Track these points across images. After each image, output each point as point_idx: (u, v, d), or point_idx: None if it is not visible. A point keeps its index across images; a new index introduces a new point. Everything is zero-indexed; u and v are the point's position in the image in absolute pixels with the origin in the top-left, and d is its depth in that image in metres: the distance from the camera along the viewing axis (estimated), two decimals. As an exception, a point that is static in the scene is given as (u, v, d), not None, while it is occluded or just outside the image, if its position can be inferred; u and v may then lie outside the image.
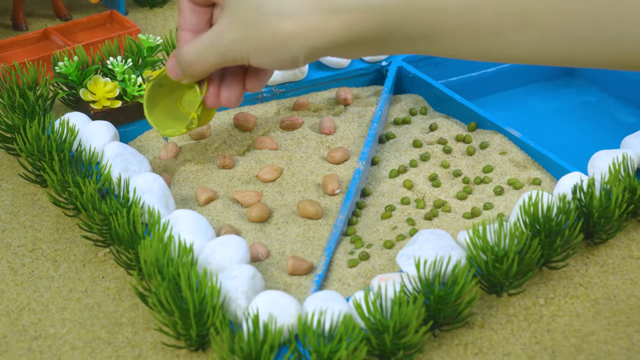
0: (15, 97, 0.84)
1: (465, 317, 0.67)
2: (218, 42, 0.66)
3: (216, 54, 0.67)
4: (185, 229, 0.71)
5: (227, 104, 0.73)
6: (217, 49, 0.67)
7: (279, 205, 0.79)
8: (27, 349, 0.67)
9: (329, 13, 0.61)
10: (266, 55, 0.65)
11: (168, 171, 0.82)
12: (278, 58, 0.64)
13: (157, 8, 1.12)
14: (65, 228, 0.78)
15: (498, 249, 0.67)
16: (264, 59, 0.65)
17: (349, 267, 0.72)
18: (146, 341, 0.67)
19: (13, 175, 0.84)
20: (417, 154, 0.84)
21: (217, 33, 0.66)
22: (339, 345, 0.61)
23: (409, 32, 0.61)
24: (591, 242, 0.76)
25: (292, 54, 0.64)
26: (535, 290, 0.71)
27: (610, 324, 0.69)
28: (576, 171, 0.78)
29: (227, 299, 0.66)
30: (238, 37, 0.65)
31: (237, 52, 0.66)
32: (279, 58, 0.64)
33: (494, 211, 0.78)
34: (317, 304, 0.65)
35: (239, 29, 0.65)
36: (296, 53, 0.63)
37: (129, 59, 0.86)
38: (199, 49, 0.68)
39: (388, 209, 0.78)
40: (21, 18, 1.07)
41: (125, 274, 0.73)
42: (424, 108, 0.91)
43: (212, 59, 0.68)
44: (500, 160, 0.83)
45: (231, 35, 0.65)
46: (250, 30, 0.64)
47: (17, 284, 0.72)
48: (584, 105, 0.98)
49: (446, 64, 0.98)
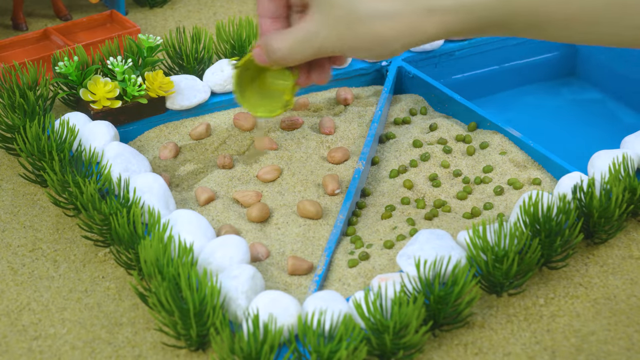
0: (15, 97, 0.84)
1: (465, 317, 0.67)
2: (312, 39, 0.67)
3: (310, 49, 0.68)
4: (185, 229, 0.71)
5: (318, 83, 0.74)
6: (311, 46, 0.67)
7: (279, 205, 0.79)
8: (27, 349, 0.67)
9: (425, 13, 0.62)
10: (363, 52, 0.66)
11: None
12: (376, 54, 0.65)
13: (157, 8, 1.12)
14: (65, 228, 0.78)
15: (498, 249, 0.67)
16: (360, 54, 0.66)
17: (349, 267, 0.72)
18: (146, 341, 0.67)
19: (13, 175, 0.84)
20: (417, 154, 0.84)
21: (309, 30, 0.67)
22: (339, 345, 0.61)
23: (508, 26, 0.62)
24: (591, 242, 0.76)
25: (390, 50, 0.64)
26: (535, 290, 0.71)
27: (610, 324, 0.69)
28: (576, 171, 0.78)
29: (227, 299, 0.66)
30: (334, 35, 0.65)
31: (332, 47, 0.66)
32: (377, 54, 0.65)
33: (494, 211, 0.78)
34: (317, 304, 0.65)
35: (333, 28, 0.65)
36: (394, 50, 0.64)
37: (129, 59, 0.86)
38: (290, 45, 0.68)
39: (388, 209, 0.78)
40: (21, 18, 1.07)
41: (125, 274, 0.73)
42: (424, 108, 0.91)
43: (305, 54, 0.68)
44: (500, 160, 0.83)
45: (325, 32, 0.66)
46: (345, 30, 0.64)
47: (17, 284, 0.72)
48: (584, 105, 0.98)
49: (446, 64, 0.98)
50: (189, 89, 0.88)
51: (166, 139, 0.86)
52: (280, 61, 0.70)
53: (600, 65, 1.00)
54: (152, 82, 0.86)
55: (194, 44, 0.92)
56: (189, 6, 1.12)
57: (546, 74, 1.01)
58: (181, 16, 1.10)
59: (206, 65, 0.93)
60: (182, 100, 0.87)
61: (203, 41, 0.93)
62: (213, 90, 0.90)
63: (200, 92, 0.88)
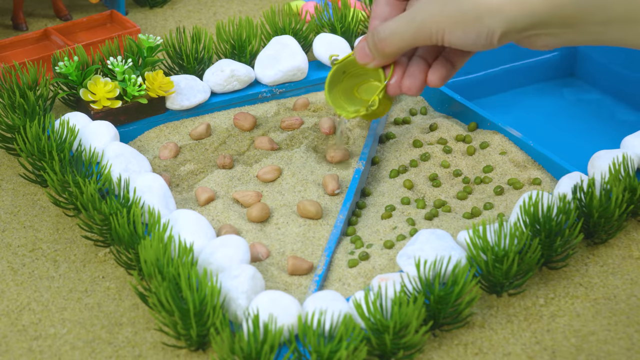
0: (15, 97, 0.84)
1: (465, 317, 0.67)
2: (414, 16, 0.68)
3: (411, 28, 0.68)
4: (185, 229, 0.71)
5: (408, 92, 0.75)
6: (412, 23, 0.68)
7: (279, 205, 0.79)
8: (27, 349, 0.67)
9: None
10: (463, 29, 0.65)
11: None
12: (475, 32, 0.65)
13: (157, 8, 1.12)
14: (65, 228, 0.78)
15: (498, 249, 0.67)
16: (460, 33, 0.66)
17: (349, 267, 0.72)
18: (146, 341, 0.67)
19: (13, 175, 0.84)
20: (417, 154, 0.84)
21: (413, 9, 0.68)
22: (339, 345, 0.61)
23: (609, 13, 0.61)
24: (591, 242, 0.76)
25: (490, 27, 0.64)
26: (535, 290, 0.71)
27: (610, 324, 0.69)
28: (576, 171, 0.78)
29: (227, 299, 0.66)
30: (436, 10, 0.66)
31: (434, 25, 0.67)
32: (476, 32, 0.65)
33: (494, 211, 0.78)
34: (317, 304, 0.65)
35: (436, 2, 0.66)
36: (494, 27, 0.64)
37: (129, 59, 0.86)
38: (393, 26, 0.70)
39: (388, 209, 0.78)
40: (21, 18, 1.07)
41: (125, 274, 0.73)
42: (424, 108, 0.91)
43: (406, 35, 0.69)
44: (500, 160, 0.83)
45: (428, 8, 0.67)
46: (448, 2, 0.65)
47: (17, 284, 0.72)
48: (584, 105, 0.98)
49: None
50: (189, 89, 0.88)
51: (166, 139, 0.86)
52: (380, 43, 0.71)
53: (600, 66, 1.00)
54: (152, 82, 0.86)
55: (194, 44, 0.92)
56: (189, 6, 1.12)
57: (546, 75, 1.01)
58: (181, 16, 1.10)
59: (206, 65, 0.93)
60: (182, 100, 0.87)
61: (203, 41, 0.93)
62: (213, 90, 0.90)
63: (200, 92, 0.88)
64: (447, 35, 0.67)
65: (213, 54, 0.94)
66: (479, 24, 0.64)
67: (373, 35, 0.72)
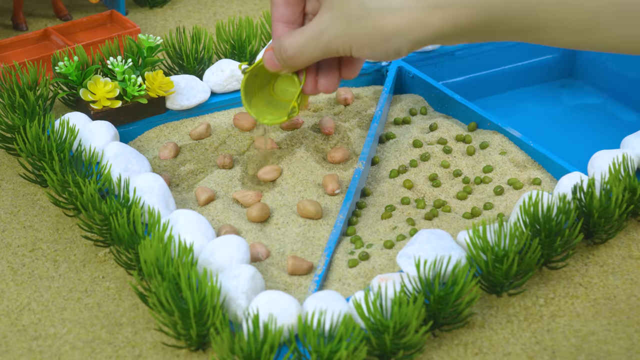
0: (15, 97, 0.84)
1: (465, 317, 0.67)
2: (320, 35, 0.68)
3: (318, 47, 0.68)
4: (185, 229, 0.71)
5: (325, 92, 0.75)
6: (319, 43, 0.68)
7: (279, 205, 0.79)
8: (27, 349, 0.67)
9: (432, 8, 0.63)
10: (370, 48, 0.66)
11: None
12: (383, 51, 0.66)
13: (157, 8, 1.12)
14: (65, 228, 0.78)
15: (498, 249, 0.67)
16: (367, 51, 0.67)
17: (349, 267, 0.72)
18: (146, 341, 0.67)
19: (13, 175, 0.84)
20: (417, 154, 0.84)
21: (318, 27, 0.68)
22: (339, 345, 0.61)
23: (512, 24, 0.62)
24: (591, 242, 0.76)
25: (396, 47, 0.65)
26: (535, 290, 0.71)
27: (610, 324, 0.69)
28: (576, 171, 0.78)
29: (227, 299, 0.66)
30: (341, 31, 0.66)
31: (340, 45, 0.67)
32: (384, 51, 0.66)
33: (494, 211, 0.78)
34: (317, 304, 0.65)
35: (341, 24, 0.66)
36: (400, 46, 0.65)
37: (129, 59, 0.86)
38: (300, 43, 0.69)
39: (388, 209, 0.78)
40: (21, 18, 1.07)
41: (125, 274, 0.73)
42: (424, 108, 0.91)
43: (314, 52, 0.69)
44: (500, 160, 0.83)
45: (334, 29, 0.67)
46: (353, 25, 0.65)
47: (17, 284, 0.72)
48: (584, 105, 0.98)
49: (446, 64, 0.98)
50: (189, 89, 0.88)
51: (166, 139, 0.86)
52: (290, 60, 0.71)
53: (600, 66, 1.00)
54: (152, 82, 0.86)
55: (194, 44, 0.92)
56: (189, 6, 1.12)
57: (546, 75, 1.01)
58: (181, 16, 1.10)
59: (206, 65, 0.93)
60: (182, 100, 0.87)
61: (203, 41, 0.93)
62: (213, 90, 0.90)
63: (200, 92, 0.88)
64: (355, 52, 0.68)
65: (213, 54, 0.94)
66: (386, 44, 0.65)
67: (280, 52, 0.71)
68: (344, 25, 0.66)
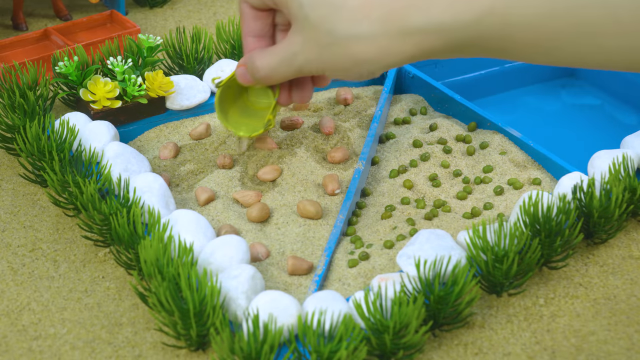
0: (15, 97, 0.84)
1: (465, 317, 0.67)
2: (293, 59, 0.68)
3: (291, 70, 0.69)
4: (185, 229, 0.71)
5: (299, 102, 0.76)
6: (291, 66, 0.69)
7: (279, 205, 0.79)
8: (27, 349, 0.67)
9: (401, 35, 0.63)
10: (343, 72, 0.67)
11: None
12: (355, 74, 0.67)
13: (157, 8, 1.12)
14: (65, 228, 0.78)
15: (498, 249, 0.67)
16: (340, 74, 0.68)
17: (349, 267, 0.72)
18: (146, 341, 0.67)
19: (13, 175, 0.84)
20: (417, 154, 0.84)
21: (290, 50, 0.68)
22: (339, 345, 0.61)
23: (482, 46, 0.63)
24: (591, 242, 0.76)
25: (369, 70, 0.66)
26: (535, 290, 0.71)
27: (610, 324, 0.69)
28: (576, 171, 0.78)
29: (227, 299, 0.66)
30: (313, 57, 0.67)
31: (313, 68, 0.68)
32: (357, 74, 0.67)
33: (494, 211, 0.78)
34: (317, 304, 0.65)
35: (313, 49, 0.66)
36: (372, 70, 0.66)
37: (129, 59, 0.86)
38: (273, 64, 0.70)
39: (388, 209, 0.78)
40: (21, 18, 1.07)
41: (125, 274, 0.73)
42: (424, 108, 0.91)
43: (286, 74, 0.70)
44: (500, 160, 0.83)
45: (306, 54, 0.67)
46: (324, 51, 0.66)
47: (17, 284, 0.72)
48: (584, 105, 0.98)
49: (446, 64, 0.98)
50: (189, 89, 0.88)
51: (166, 139, 0.86)
52: (262, 80, 0.72)
53: (600, 66, 1.00)
54: (152, 82, 0.86)
55: (194, 44, 0.92)
56: (189, 6, 1.12)
57: (546, 75, 1.01)
58: (181, 16, 1.10)
59: (206, 65, 0.93)
60: (182, 100, 0.87)
61: (203, 41, 0.93)
62: (213, 90, 0.90)
63: (200, 92, 0.88)
64: (329, 74, 0.69)
65: (213, 54, 0.94)
66: (358, 69, 0.66)
67: (253, 71, 0.72)
68: (315, 51, 0.66)
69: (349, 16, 0.63)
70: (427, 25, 0.62)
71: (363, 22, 0.63)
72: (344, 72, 0.67)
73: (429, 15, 0.62)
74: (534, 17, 0.60)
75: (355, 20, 0.63)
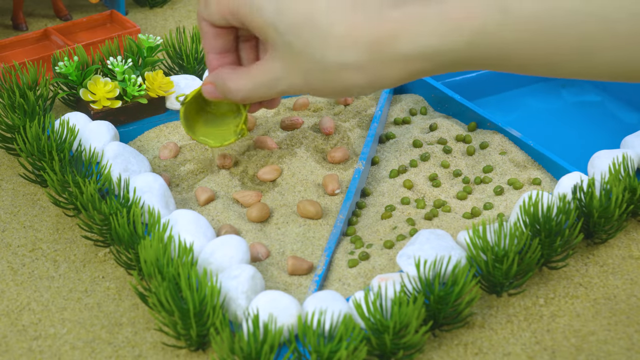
0: (15, 97, 0.84)
1: (465, 317, 0.67)
2: (275, 84, 0.68)
3: (272, 93, 0.69)
4: (185, 229, 0.71)
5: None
6: (272, 90, 0.68)
7: (279, 205, 0.79)
8: (27, 349, 0.67)
9: (390, 62, 0.63)
10: (332, 95, 0.67)
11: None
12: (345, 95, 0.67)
13: (157, 8, 1.12)
14: (65, 228, 0.78)
15: (498, 249, 0.67)
16: (328, 97, 0.68)
17: (349, 267, 0.72)
18: (146, 341, 0.67)
19: (13, 175, 0.84)
20: (417, 154, 0.84)
21: (271, 76, 0.67)
22: (339, 345, 0.61)
23: (475, 64, 0.63)
24: (591, 242, 0.76)
25: (359, 93, 0.66)
26: (535, 290, 0.71)
27: (610, 324, 0.69)
28: (576, 171, 0.78)
29: (227, 299, 0.66)
30: (299, 82, 0.66)
31: (297, 91, 0.67)
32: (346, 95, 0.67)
33: (494, 211, 0.78)
34: (317, 304, 0.65)
35: (298, 76, 0.66)
36: (362, 93, 0.66)
37: (129, 59, 0.86)
38: (249, 87, 0.69)
39: (388, 209, 0.78)
40: (21, 18, 1.07)
41: (125, 274, 0.73)
42: (424, 108, 0.91)
43: (267, 96, 0.69)
44: (500, 160, 0.83)
45: (290, 80, 0.67)
46: (312, 77, 0.65)
47: (17, 284, 0.72)
48: (584, 105, 0.98)
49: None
50: (189, 89, 0.88)
51: (166, 139, 0.86)
52: (240, 101, 0.71)
53: (600, 65, 1.00)
54: (152, 82, 0.86)
55: (194, 44, 0.92)
56: (189, 6, 1.12)
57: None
58: (181, 16, 1.10)
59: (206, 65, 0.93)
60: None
61: (203, 41, 0.93)
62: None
63: (200, 92, 0.88)
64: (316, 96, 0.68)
65: (213, 54, 0.94)
66: (348, 92, 0.66)
67: (225, 93, 0.71)
68: (301, 78, 0.66)
69: (336, 44, 0.62)
70: (415, 51, 0.61)
71: (351, 50, 0.62)
72: (333, 95, 0.67)
73: (417, 41, 0.61)
74: (530, 33, 0.59)
75: (343, 47, 0.62)
